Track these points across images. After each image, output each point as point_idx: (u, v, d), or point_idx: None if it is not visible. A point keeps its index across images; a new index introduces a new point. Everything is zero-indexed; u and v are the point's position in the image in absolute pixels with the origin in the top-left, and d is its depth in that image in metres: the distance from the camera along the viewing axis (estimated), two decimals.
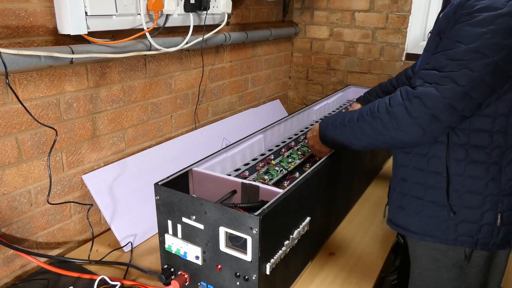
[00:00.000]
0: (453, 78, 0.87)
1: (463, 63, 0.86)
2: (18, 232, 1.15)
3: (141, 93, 1.45)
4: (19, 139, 1.10)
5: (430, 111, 0.88)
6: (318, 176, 1.13)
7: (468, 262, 1.04)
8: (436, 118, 0.89)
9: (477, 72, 0.85)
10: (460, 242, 1.01)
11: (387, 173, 1.84)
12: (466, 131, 0.96)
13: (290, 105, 2.57)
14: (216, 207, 0.91)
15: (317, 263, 1.22)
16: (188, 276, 1.02)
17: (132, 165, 1.40)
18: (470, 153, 0.96)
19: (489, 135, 0.95)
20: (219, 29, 1.59)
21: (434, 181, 1.01)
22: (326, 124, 1.15)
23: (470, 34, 0.87)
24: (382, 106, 0.96)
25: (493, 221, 0.98)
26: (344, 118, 1.08)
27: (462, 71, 0.86)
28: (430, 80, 0.90)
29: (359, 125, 1.01)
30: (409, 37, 2.10)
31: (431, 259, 1.08)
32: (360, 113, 1.02)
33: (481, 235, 0.99)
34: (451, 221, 1.01)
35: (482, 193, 0.97)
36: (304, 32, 2.39)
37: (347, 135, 1.06)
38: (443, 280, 1.08)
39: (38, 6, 1.07)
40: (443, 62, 0.89)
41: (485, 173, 0.96)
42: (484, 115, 0.94)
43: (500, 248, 1.01)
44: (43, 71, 1.12)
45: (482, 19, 0.86)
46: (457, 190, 0.99)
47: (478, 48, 0.85)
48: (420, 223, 1.05)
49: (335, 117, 1.13)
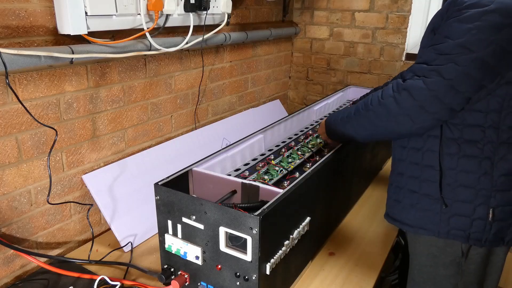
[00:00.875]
0: (439, 71, 0.90)
1: (450, 57, 0.90)
2: (18, 232, 1.15)
3: (141, 93, 1.45)
4: (19, 139, 1.10)
5: (417, 102, 0.92)
6: (318, 176, 1.13)
7: (466, 259, 1.06)
8: (424, 110, 0.92)
9: (462, 66, 0.88)
10: (452, 236, 1.03)
11: (387, 173, 1.83)
12: (459, 125, 0.98)
13: (290, 105, 2.57)
14: (216, 207, 0.91)
15: (317, 263, 1.22)
16: (188, 276, 1.02)
17: (132, 165, 1.40)
18: (462, 147, 0.98)
19: (481, 130, 0.96)
20: (219, 29, 1.59)
21: (428, 174, 1.04)
22: (330, 120, 1.25)
23: (458, 29, 0.90)
24: (374, 99, 1.02)
25: (485, 215, 0.99)
26: (344, 113, 1.16)
27: (448, 65, 0.89)
28: (419, 73, 0.93)
29: (357, 118, 1.09)
30: (409, 37, 2.10)
31: (429, 255, 1.09)
32: (357, 107, 1.09)
33: (473, 230, 1.01)
34: (444, 214, 1.02)
35: (475, 187, 0.99)
36: (304, 32, 2.39)
37: (348, 129, 1.14)
38: (441, 277, 1.09)
39: (38, 6, 1.07)
40: (432, 56, 0.93)
41: (478, 167, 0.98)
42: (476, 110, 0.96)
43: (493, 245, 1.02)
44: (43, 71, 1.12)
45: (469, 15, 0.89)
46: (449, 184, 1.01)
47: (465, 43, 0.89)
48: (415, 216, 1.07)
49: (338, 113, 1.22)
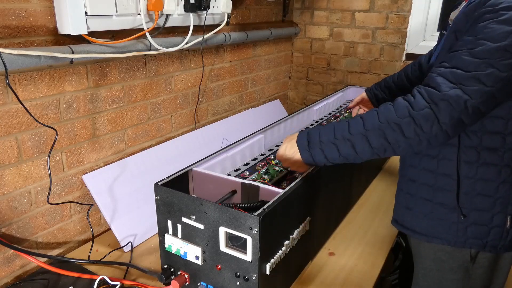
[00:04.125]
0: (480, 79, 0.82)
1: (491, 62, 0.82)
2: (18, 232, 1.15)
3: (141, 93, 1.45)
4: (19, 139, 1.10)
5: (458, 114, 0.83)
6: (318, 176, 1.13)
7: (473, 264, 1.04)
8: (462, 122, 0.84)
9: (505, 72, 0.82)
10: (469, 245, 1.00)
11: (387, 173, 1.84)
12: (478, 133, 0.94)
13: (290, 105, 2.57)
14: (216, 207, 0.91)
15: (317, 263, 1.22)
16: (188, 276, 1.02)
17: (132, 165, 1.40)
18: (482, 155, 0.94)
19: (501, 137, 0.93)
20: (219, 29, 1.59)
21: (443, 183, 1.00)
22: (310, 141, 0.99)
23: (497, 32, 0.83)
24: (402, 111, 0.86)
25: (503, 223, 0.97)
26: (341, 130, 0.94)
27: (489, 71, 0.82)
28: (453, 80, 0.84)
29: (368, 134, 0.90)
30: (409, 37, 2.10)
31: (436, 260, 1.07)
32: (368, 120, 0.91)
33: (491, 238, 0.98)
34: (461, 224, 0.99)
35: (493, 195, 0.96)
36: (304, 32, 2.39)
37: (347, 149, 0.93)
38: (447, 281, 1.07)
39: (38, 6, 1.07)
40: (467, 61, 0.84)
41: (497, 176, 0.95)
42: (497, 117, 0.92)
43: (507, 250, 1.01)
44: (43, 71, 1.12)
45: (510, 17, 0.83)
46: (467, 193, 0.98)
47: (507, 47, 0.82)
48: (428, 225, 1.04)
49: (321, 131, 0.98)
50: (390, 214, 1.20)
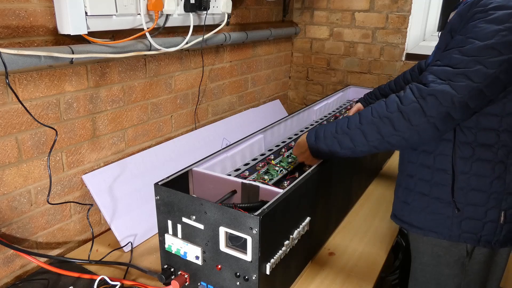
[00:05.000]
0: (467, 75, 0.85)
1: (479, 59, 0.85)
2: (18, 232, 1.15)
3: (141, 93, 1.45)
4: (19, 139, 1.10)
5: (445, 109, 0.86)
6: (318, 175, 1.13)
7: (470, 259, 1.06)
8: (450, 117, 0.88)
9: (492, 69, 0.85)
10: (464, 239, 1.03)
11: (387, 173, 1.84)
12: (473, 129, 0.96)
13: (290, 105, 2.57)
14: (216, 207, 0.91)
15: (317, 263, 1.22)
16: (188, 276, 1.02)
17: (132, 165, 1.40)
18: (476, 151, 0.97)
19: (496, 134, 0.95)
20: (219, 29, 1.59)
21: (439, 178, 1.02)
22: (316, 137, 1.08)
23: (486, 31, 0.86)
24: (392, 105, 0.92)
25: (497, 218, 0.99)
26: (341, 125, 1.02)
27: (477, 68, 0.85)
28: (443, 77, 0.88)
29: (364, 128, 0.96)
30: (409, 37, 2.10)
31: (433, 255, 1.09)
32: (363, 115, 0.97)
33: (484, 232, 1.01)
34: (456, 218, 1.02)
35: (487, 191, 0.98)
36: (304, 32, 2.39)
37: (347, 142, 1.00)
38: (444, 276, 1.09)
39: (38, 6, 1.07)
40: (457, 59, 0.88)
41: (491, 171, 0.97)
42: (491, 114, 0.94)
43: (502, 246, 1.03)
44: (43, 71, 1.12)
45: (498, 16, 0.86)
46: (462, 188, 1.00)
47: (494, 45, 0.85)
48: (425, 219, 1.07)
49: (326, 127, 1.07)
50: (389, 214, 1.21)
